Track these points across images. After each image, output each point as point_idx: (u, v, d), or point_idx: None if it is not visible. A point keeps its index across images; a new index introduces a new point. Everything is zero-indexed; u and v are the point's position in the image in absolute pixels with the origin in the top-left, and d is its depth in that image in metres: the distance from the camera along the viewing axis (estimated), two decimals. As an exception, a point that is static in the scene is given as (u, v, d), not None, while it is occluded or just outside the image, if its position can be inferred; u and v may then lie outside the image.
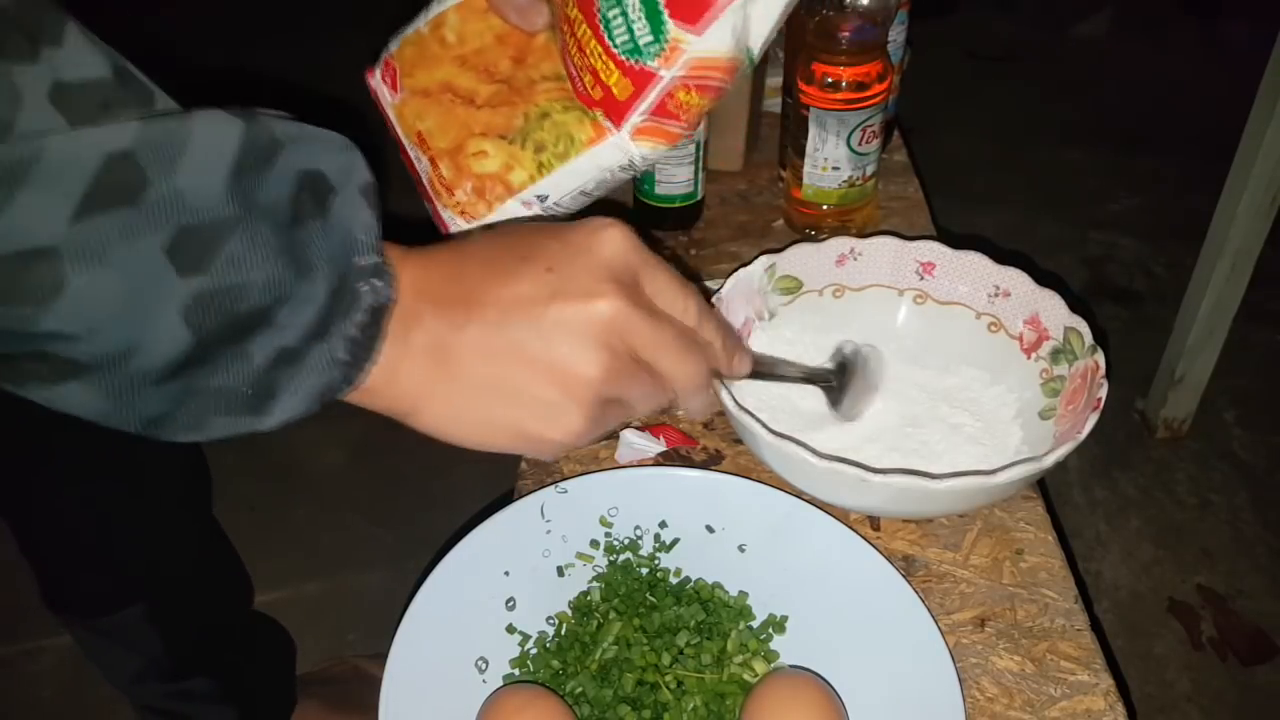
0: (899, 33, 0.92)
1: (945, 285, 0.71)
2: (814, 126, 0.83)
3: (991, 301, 0.70)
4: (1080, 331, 0.65)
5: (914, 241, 0.72)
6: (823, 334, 0.72)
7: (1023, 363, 0.69)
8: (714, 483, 0.63)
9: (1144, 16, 3.02)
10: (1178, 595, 1.65)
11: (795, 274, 0.72)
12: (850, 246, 0.72)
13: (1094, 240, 2.33)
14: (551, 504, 0.62)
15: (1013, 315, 0.69)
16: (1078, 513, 1.78)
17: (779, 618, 0.59)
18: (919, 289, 0.72)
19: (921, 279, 0.72)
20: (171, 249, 0.34)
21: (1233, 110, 1.55)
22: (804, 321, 0.73)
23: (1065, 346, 0.66)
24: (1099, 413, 0.60)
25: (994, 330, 0.70)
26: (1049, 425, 0.66)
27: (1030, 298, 0.68)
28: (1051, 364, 0.67)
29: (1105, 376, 0.62)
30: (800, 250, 0.71)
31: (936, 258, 0.71)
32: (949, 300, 0.71)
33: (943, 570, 0.64)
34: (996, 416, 0.69)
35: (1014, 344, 0.69)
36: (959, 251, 0.71)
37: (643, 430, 0.72)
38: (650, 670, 0.55)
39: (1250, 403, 1.93)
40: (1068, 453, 0.57)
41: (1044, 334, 0.67)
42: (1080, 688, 0.57)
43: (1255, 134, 1.50)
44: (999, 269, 0.69)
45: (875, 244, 0.72)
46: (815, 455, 0.57)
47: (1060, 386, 0.66)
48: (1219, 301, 1.67)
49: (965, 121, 2.63)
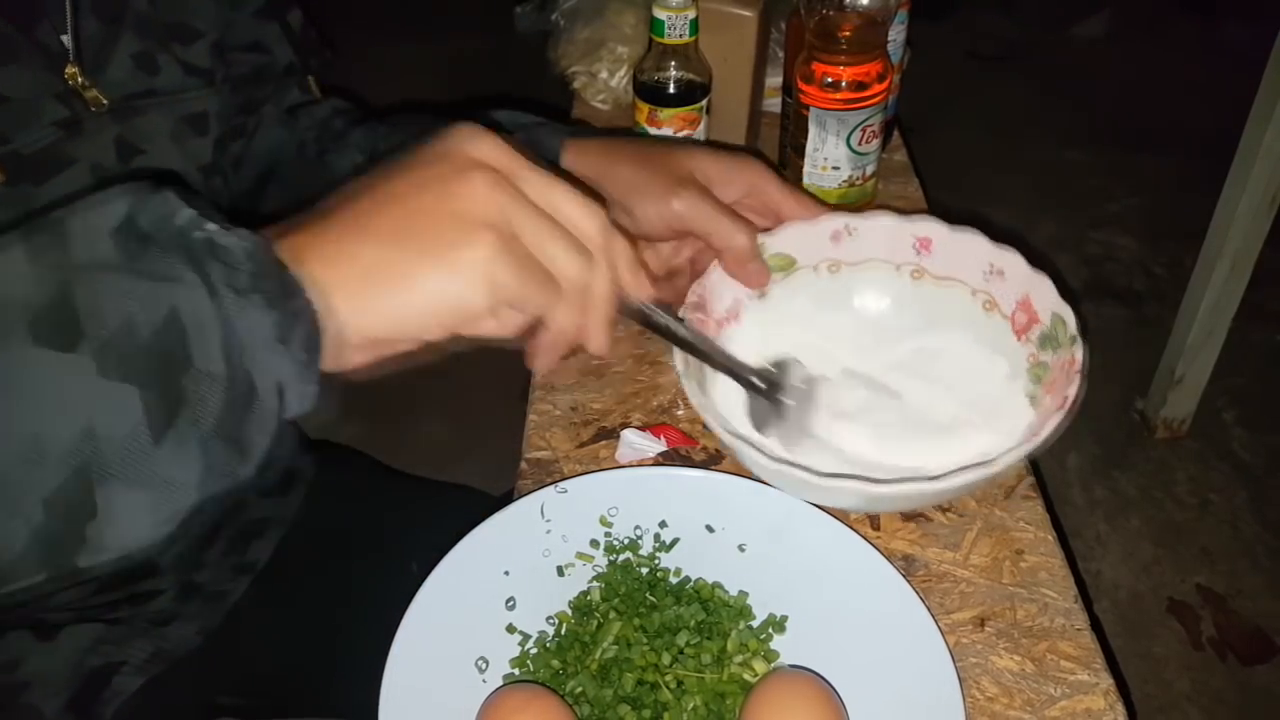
0: (899, 33, 0.92)
1: (942, 262, 0.71)
2: (814, 126, 0.83)
3: (987, 280, 0.69)
4: (1065, 320, 0.63)
5: (910, 217, 0.71)
6: (822, 310, 0.72)
7: (1014, 345, 0.68)
8: (714, 483, 0.63)
9: (1144, 16, 3.02)
10: (1177, 595, 1.65)
11: (788, 252, 0.71)
12: (845, 223, 0.71)
13: (1094, 240, 2.34)
14: (551, 504, 0.62)
15: (1007, 296, 0.68)
16: (1077, 512, 1.78)
17: (779, 618, 0.59)
18: (916, 264, 0.72)
19: (919, 255, 0.71)
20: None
21: (1233, 110, 1.55)
22: (802, 297, 0.72)
23: (1052, 333, 0.65)
24: (1064, 414, 0.58)
25: (989, 309, 0.69)
26: (1033, 413, 0.65)
27: (1023, 280, 0.67)
28: (1039, 349, 0.66)
29: (1082, 374, 0.60)
30: (793, 228, 0.70)
31: (933, 234, 0.70)
32: (946, 276, 0.71)
33: (942, 570, 0.64)
34: (987, 396, 0.68)
35: (1006, 324, 0.68)
36: (955, 228, 0.70)
37: (643, 430, 0.72)
38: (650, 670, 0.55)
39: (1250, 403, 1.94)
40: (1021, 457, 0.56)
41: (1034, 317, 0.66)
42: (1080, 687, 0.57)
43: (1255, 134, 1.50)
44: (994, 248, 0.68)
45: (871, 220, 0.71)
46: (816, 474, 0.57)
47: (1044, 374, 0.65)
48: (1218, 301, 1.67)
49: (965, 121, 2.63)
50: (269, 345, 0.38)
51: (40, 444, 0.34)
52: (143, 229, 0.37)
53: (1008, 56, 2.95)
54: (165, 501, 0.37)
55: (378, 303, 0.41)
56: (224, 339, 0.37)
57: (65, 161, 0.59)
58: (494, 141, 0.44)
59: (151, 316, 0.35)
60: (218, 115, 0.70)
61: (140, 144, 0.64)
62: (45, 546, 0.35)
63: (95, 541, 0.36)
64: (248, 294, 0.37)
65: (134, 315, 0.35)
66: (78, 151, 0.60)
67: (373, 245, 0.41)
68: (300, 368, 0.39)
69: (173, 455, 0.36)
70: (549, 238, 0.43)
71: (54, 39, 0.59)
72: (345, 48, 0.81)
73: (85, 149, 0.60)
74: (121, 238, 0.36)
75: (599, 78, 1.11)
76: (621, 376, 0.77)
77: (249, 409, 0.38)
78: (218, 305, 0.37)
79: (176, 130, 0.66)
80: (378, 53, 2.81)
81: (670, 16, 0.81)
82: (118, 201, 0.38)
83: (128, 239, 0.37)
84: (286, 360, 0.38)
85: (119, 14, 0.62)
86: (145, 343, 0.35)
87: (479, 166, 0.42)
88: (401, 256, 0.41)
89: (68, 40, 0.59)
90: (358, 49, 2.81)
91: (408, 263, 0.41)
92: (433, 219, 0.41)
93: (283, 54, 0.78)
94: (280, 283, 0.38)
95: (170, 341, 0.36)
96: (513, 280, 0.42)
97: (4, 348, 0.34)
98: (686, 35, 0.82)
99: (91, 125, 0.60)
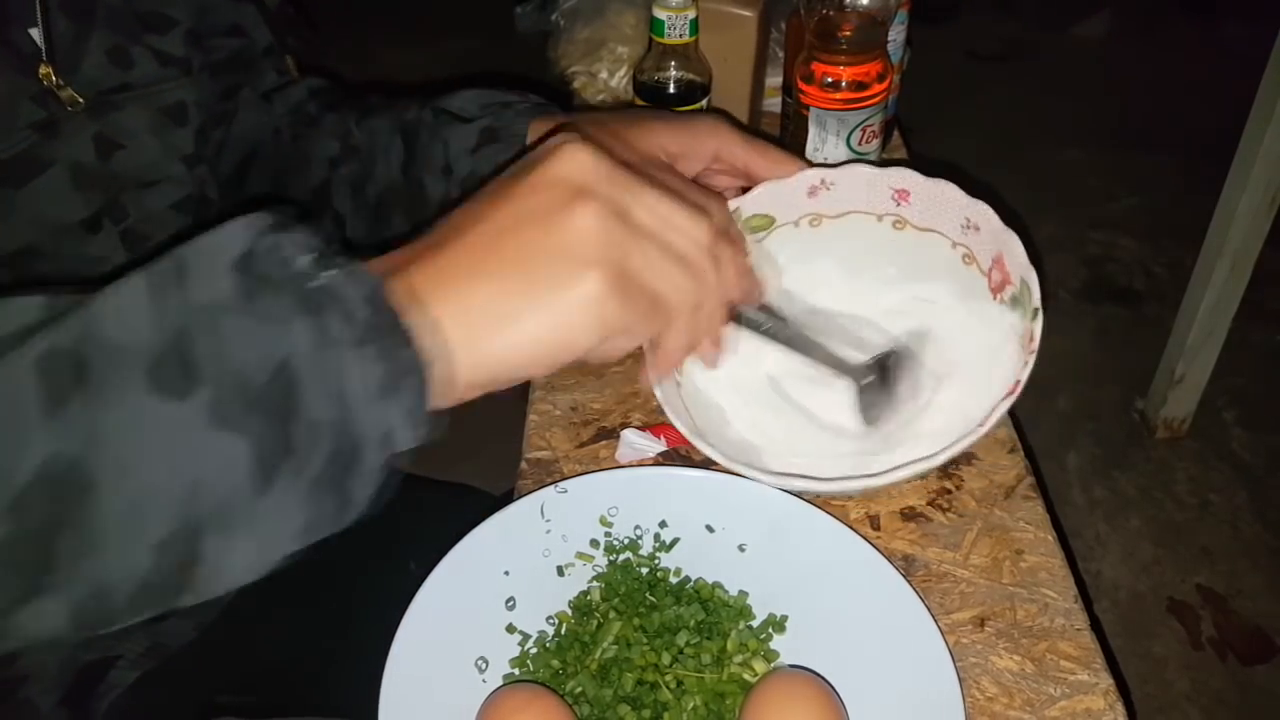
0: (899, 33, 0.92)
1: (920, 212, 0.70)
2: (814, 126, 0.83)
3: (964, 233, 0.68)
4: (1030, 285, 0.61)
5: (886, 168, 0.71)
6: (804, 262, 0.72)
7: (990, 302, 0.66)
8: (714, 482, 0.63)
9: (1144, 16, 3.02)
10: (1177, 595, 1.65)
11: (765, 211, 0.71)
12: (822, 177, 0.70)
13: (1094, 240, 2.34)
14: (551, 503, 0.62)
15: (983, 251, 0.67)
16: (1077, 512, 1.78)
17: (779, 617, 0.59)
18: (897, 215, 0.71)
19: (898, 205, 0.71)
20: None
21: (1233, 110, 1.55)
22: (785, 253, 0.72)
23: (1019, 296, 0.63)
24: (1012, 399, 0.57)
25: (968, 263, 0.68)
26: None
27: (996, 236, 0.65)
28: (1010, 310, 0.64)
29: (1034, 352, 0.58)
30: (766, 188, 0.70)
31: (910, 185, 0.70)
32: (927, 228, 0.70)
33: (943, 570, 0.64)
34: (966, 353, 0.68)
35: (984, 281, 0.67)
36: (931, 179, 0.69)
37: (643, 430, 0.72)
38: (650, 670, 0.55)
39: (1250, 402, 1.94)
40: (965, 448, 0.56)
41: (1006, 277, 0.65)
42: (1080, 687, 0.57)
43: (1255, 134, 1.50)
44: (969, 201, 0.67)
45: (847, 172, 0.70)
46: (821, 480, 0.57)
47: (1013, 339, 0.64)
48: (1218, 301, 1.67)
49: (965, 121, 2.63)
50: (379, 398, 0.37)
51: (150, 494, 0.35)
52: (261, 269, 0.37)
53: (1008, 56, 2.95)
54: (267, 549, 0.37)
55: (489, 344, 0.40)
56: (335, 391, 0.37)
57: (44, 163, 0.59)
58: (595, 160, 0.43)
59: (265, 364, 0.35)
60: (197, 104, 0.69)
61: (120, 139, 0.63)
62: (151, 590, 0.36)
63: (197, 585, 0.37)
64: (361, 346, 0.37)
65: (247, 364, 0.35)
66: (56, 152, 0.59)
67: (482, 286, 0.40)
68: (408, 415, 0.38)
69: (277, 506, 0.36)
70: (658, 264, 0.43)
71: (25, 39, 0.58)
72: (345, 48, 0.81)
73: (63, 149, 0.60)
74: (239, 275, 0.36)
75: (599, 78, 1.11)
76: (621, 376, 0.77)
77: (355, 462, 0.38)
78: (330, 358, 0.36)
79: (155, 122, 0.66)
80: (377, 53, 2.82)
81: (670, 16, 0.81)
82: (238, 236, 0.38)
83: (245, 276, 0.36)
84: (395, 411, 0.38)
85: (89, 9, 0.62)
86: (257, 393, 0.35)
87: (583, 195, 0.41)
88: (511, 299, 0.40)
89: (39, 38, 0.58)
90: (357, 49, 2.82)
91: (517, 306, 0.40)
92: (540, 258, 0.41)
93: (261, 36, 0.77)
94: (395, 332, 0.38)
95: (281, 391, 0.36)
96: (623, 315, 0.42)
97: (121, 394, 0.34)
98: (686, 35, 0.82)
99: (68, 125, 0.60)
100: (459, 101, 0.72)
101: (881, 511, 0.67)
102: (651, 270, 0.43)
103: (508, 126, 0.69)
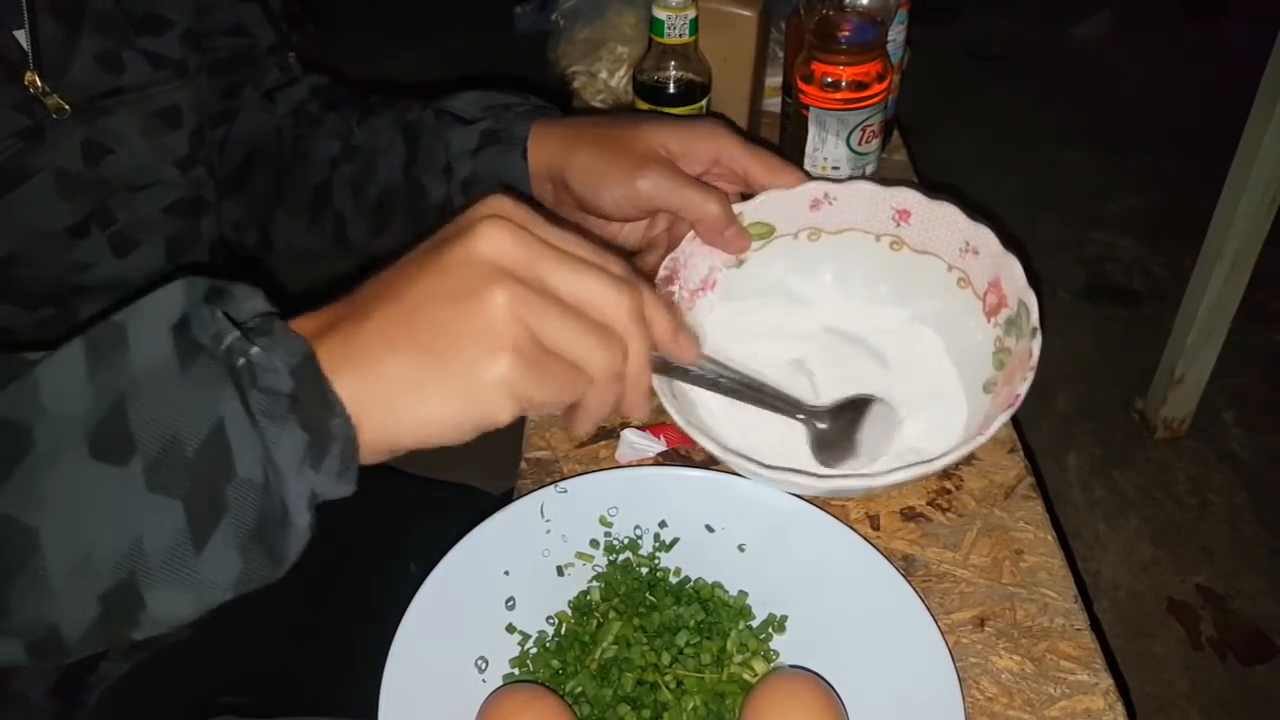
0: (899, 33, 0.92)
1: (920, 234, 0.70)
2: (814, 126, 0.83)
3: (962, 256, 0.69)
4: (1029, 308, 0.62)
5: (890, 187, 0.71)
6: (801, 276, 0.72)
7: (983, 325, 0.67)
8: (714, 482, 0.63)
9: (1144, 16, 3.02)
10: (1177, 595, 1.65)
11: (766, 220, 0.71)
12: (825, 191, 0.71)
13: (1093, 240, 2.34)
14: (551, 503, 0.62)
15: (980, 274, 0.68)
16: (1077, 512, 1.78)
17: (779, 617, 0.59)
18: (895, 235, 0.71)
19: (898, 226, 0.71)
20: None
21: (1233, 110, 1.56)
22: (781, 264, 0.72)
23: (1016, 319, 0.64)
24: (1011, 412, 0.57)
25: (963, 287, 0.69)
26: (987, 402, 0.64)
27: (995, 259, 0.66)
28: (1005, 333, 0.65)
29: (1033, 371, 0.59)
30: (770, 196, 0.70)
31: (912, 205, 0.70)
32: (924, 250, 0.71)
33: (942, 570, 0.64)
34: (948, 375, 0.68)
35: (978, 304, 0.68)
36: (934, 200, 0.70)
37: (643, 430, 0.72)
38: (650, 670, 0.55)
39: (1249, 403, 1.94)
40: (963, 455, 0.56)
41: (1002, 300, 0.65)
42: (1080, 687, 0.57)
43: (1255, 134, 1.50)
44: (970, 225, 0.67)
45: (851, 189, 0.71)
46: (816, 477, 0.58)
47: (1006, 360, 0.64)
48: (1218, 301, 1.67)
49: (965, 121, 2.64)
50: (306, 464, 0.39)
51: (94, 553, 0.37)
52: (195, 335, 0.39)
53: (1008, 56, 2.95)
54: (205, 597, 0.40)
55: (403, 418, 0.41)
56: (263, 458, 0.39)
57: (29, 171, 0.58)
58: (513, 239, 0.42)
59: (198, 431, 0.38)
60: (192, 106, 0.68)
61: (109, 144, 0.62)
62: (101, 631, 0.39)
63: (144, 628, 0.40)
64: (285, 419, 0.39)
65: (181, 431, 0.37)
66: (41, 160, 0.59)
67: (396, 361, 0.41)
68: (333, 479, 0.40)
69: (213, 561, 0.39)
70: (575, 336, 0.43)
71: (11, 44, 0.57)
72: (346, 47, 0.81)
73: (48, 157, 0.59)
74: (176, 339, 0.39)
75: (599, 78, 1.11)
76: (621, 376, 0.77)
77: (284, 523, 0.40)
78: (260, 427, 0.38)
79: (147, 127, 0.65)
80: (378, 52, 2.82)
81: (670, 16, 0.81)
82: (177, 299, 0.39)
83: (182, 340, 0.39)
84: (320, 478, 0.40)
85: (77, 14, 0.60)
86: (191, 458, 0.37)
87: (497, 278, 0.41)
88: (422, 374, 0.41)
89: (24, 40, 0.57)
90: (358, 48, 2.82)
91: (427, 382, 0.41)
92: (450, 339, 0.41)
93: (264, 35, 0.77)
94: (320, 404, 0.39)
95: (213, 456, 0.38)
96: (540, 389, 0.42)
97: (63, 461, 0.37)
98: (686, 35, 0.82)
99: (54, 132, 0.59)
100: (460, 103, 0.72)
101: (881, 511, 0.67)
102: (568, 343, 0.43)
103: (509, 128, 0.69)
